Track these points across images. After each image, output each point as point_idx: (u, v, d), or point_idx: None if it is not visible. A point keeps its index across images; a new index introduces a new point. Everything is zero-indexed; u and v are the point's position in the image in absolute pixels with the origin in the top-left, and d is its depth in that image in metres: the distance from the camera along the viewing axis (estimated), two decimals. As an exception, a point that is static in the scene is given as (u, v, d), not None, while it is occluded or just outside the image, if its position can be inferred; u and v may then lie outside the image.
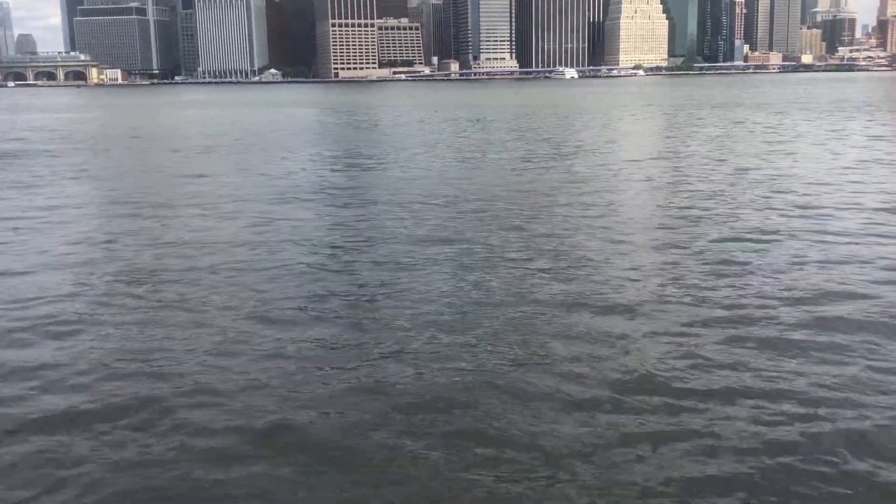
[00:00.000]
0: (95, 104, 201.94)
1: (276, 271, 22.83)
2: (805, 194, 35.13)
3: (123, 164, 56.83)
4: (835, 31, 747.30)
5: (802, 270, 21.75)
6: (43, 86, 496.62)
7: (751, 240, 25.80)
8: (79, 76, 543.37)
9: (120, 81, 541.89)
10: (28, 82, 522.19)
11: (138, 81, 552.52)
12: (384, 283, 21.43)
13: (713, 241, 25.78)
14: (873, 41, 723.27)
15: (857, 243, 24.96)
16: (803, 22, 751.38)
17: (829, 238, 25.97)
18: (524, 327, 17.54)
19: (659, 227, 28.57)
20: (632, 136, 76.32)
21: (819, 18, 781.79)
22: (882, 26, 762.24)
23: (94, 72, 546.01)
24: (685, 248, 24.87)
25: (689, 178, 41.81)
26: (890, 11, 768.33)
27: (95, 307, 19.59)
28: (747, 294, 19.55)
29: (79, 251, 26.37)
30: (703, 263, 22.83)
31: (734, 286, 20.26)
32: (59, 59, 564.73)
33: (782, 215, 30.22)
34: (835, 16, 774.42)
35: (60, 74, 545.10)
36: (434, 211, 32.98)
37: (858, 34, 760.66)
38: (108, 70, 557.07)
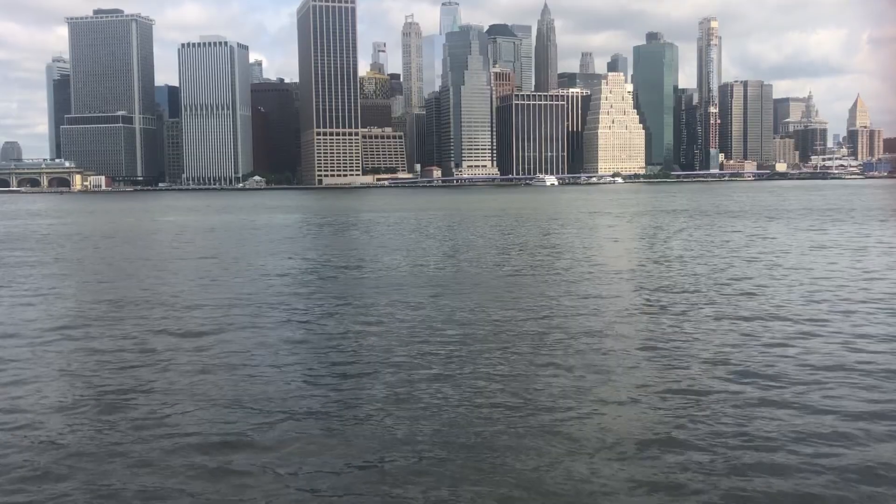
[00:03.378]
0: (59, 209, 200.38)
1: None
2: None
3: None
4: (807, 141, 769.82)
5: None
6: (26, 192, 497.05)
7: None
8: (62, 182, 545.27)
9: (104, 188, 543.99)
10: (11, 189, 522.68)
11: (122, 188, 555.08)
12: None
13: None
14: (845, 150, 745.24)
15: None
16: (776, 132, 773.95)
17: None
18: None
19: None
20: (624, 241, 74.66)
21: (791, 128, 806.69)
22: (852, 136, 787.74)
23: (77, 178, 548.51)
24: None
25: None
26: (860, 122, 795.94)
27: None
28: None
29: None
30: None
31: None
32: (43, 166, 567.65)
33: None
34: (806, 126, 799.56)
35: (44, 181, 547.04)
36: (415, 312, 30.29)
37: (830, 143, 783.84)
38: (92, 176, 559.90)
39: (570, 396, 19.83)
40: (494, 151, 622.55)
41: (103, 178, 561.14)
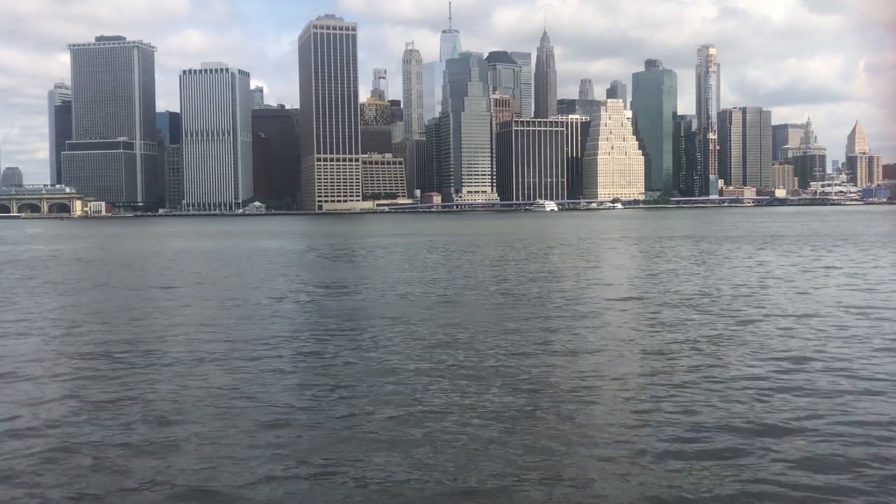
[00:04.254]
0: (53, 235, 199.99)
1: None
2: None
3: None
4: (806, 167, 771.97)
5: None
6: (26, 218, 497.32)
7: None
8: (63, 208, 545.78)
9: (104, 213, 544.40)
10: (11, 214, 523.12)
11: (122, 214, 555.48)
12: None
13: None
14: (844, 176, 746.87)
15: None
16: (775, 158, 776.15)
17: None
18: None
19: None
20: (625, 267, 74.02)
21: (790, 154, 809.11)
22: (851, 162, 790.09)
23: (78, 204, 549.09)
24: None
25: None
26: (858, 148, 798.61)
27: None
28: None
29: None
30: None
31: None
32: (43, 192, 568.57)
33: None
34: (805, 152, 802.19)
35: (44, 206, 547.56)
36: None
37: (829, 169, 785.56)
38: (92, 202, 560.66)
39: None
40: (494, 177, 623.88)
41: (103, 203, 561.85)
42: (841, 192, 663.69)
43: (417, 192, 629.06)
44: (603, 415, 21.10)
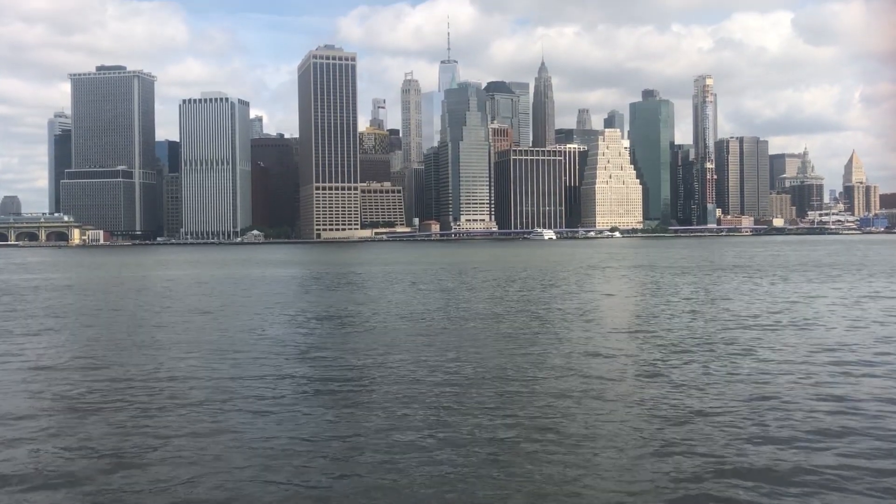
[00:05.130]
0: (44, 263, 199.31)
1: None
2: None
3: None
4: (803, 196, 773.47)
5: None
6: (24, 246, 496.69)
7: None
8: (61, 237, 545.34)
9: (102, 242, 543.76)
10: (9, 243, 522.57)
11: (120, 242, 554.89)
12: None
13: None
14: (841, 206, 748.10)
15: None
16: (772, 187, 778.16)
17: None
18: None
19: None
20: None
21: (788, 184, 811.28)
22: (848, 192, 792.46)
23: (76, 232, 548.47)
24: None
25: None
26: (855, 178, 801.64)
27: None
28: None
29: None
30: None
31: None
32: (42, 220, 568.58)
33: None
34: (802, 181, 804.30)
35: (42, 235, 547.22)
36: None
37: (826, 199, 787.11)
38: (90, 230, 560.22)
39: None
40: (493, 206, 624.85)
41: (101, 232, 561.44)
42: (839, 221, 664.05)
43: (416, 221, 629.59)
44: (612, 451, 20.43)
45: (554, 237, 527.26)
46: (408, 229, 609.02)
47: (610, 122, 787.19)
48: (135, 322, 50.22)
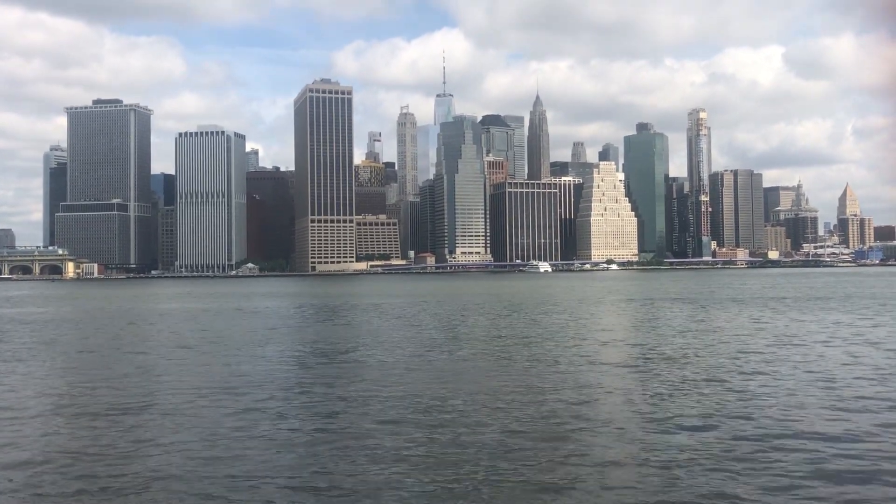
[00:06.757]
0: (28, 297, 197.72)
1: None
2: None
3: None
4: (798, 229, 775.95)
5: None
6: (17, 280, 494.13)
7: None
8: (55, 270, 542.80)
9: (96, 275, 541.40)
10: (3, 276, 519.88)
11: (114, 275, 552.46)
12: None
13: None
14: (836, 238, 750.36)
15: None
16: (767, 220, 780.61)
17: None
18: None
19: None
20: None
21: (782, 216, 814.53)
22: (843, 224, 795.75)
23: (70, 265, 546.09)
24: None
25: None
26: (849, 210, 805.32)
27: None
28: None
29: None
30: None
31: None
32: (36, 253, 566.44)
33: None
34: (797, 214, 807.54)
35: (36, 268, 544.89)
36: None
37: (821, 231, 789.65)
38: (84, 264, 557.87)
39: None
40: (488, 238, 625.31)
41: (95, 265, 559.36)
42: (833, 253, 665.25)
43: (411, 253, 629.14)
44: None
45: (549, 269, 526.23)
46: (403, 262, 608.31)
47: (605, 154, 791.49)
48: (116, 357, 48.96)
